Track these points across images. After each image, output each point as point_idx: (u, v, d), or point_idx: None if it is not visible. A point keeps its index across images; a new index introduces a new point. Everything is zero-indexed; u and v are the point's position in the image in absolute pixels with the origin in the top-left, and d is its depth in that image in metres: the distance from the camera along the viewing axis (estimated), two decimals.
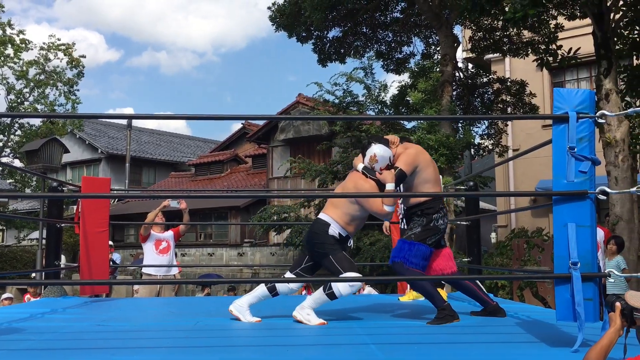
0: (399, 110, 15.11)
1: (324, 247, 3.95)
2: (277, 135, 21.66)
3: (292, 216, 16.43)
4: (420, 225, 4.07)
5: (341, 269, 3.86)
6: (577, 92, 3.12)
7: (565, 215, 3.02)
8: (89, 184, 5.90)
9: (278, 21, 14.13)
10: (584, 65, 14.32)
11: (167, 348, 3.14)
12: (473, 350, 3.05)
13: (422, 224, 4.07)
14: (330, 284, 3.84)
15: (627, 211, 8.23)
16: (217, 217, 22.96)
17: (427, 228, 4.06)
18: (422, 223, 4.07)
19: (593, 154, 3.04)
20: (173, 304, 5.66)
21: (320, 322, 3.83)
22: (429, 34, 15.46)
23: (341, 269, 3.86)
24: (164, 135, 37.44)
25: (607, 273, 3.09)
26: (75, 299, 5.68)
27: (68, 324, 3.94)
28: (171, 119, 4.17)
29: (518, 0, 7.09)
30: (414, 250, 3.99)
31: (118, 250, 19.42)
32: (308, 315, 3.87)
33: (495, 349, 3.14)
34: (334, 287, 3.82)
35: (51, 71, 21.73)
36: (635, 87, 9.48)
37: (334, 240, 3.97)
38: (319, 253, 4.00)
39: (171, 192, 12.21)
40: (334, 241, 3.96)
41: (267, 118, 6.34)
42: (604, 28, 8.44)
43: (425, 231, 4.05)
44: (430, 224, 4.06)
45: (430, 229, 4.06)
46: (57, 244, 5.78)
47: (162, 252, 7.21)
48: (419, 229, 4.06)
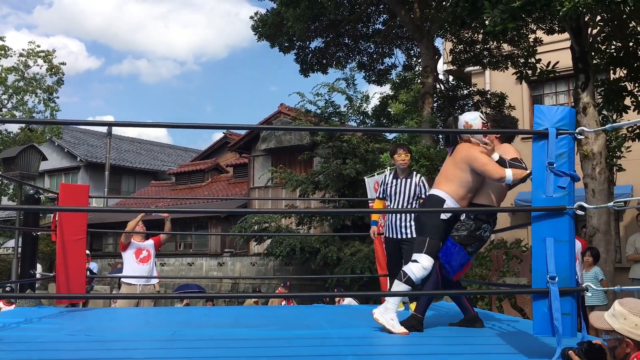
0: (380, 121, 15.19)
1: (426, 227, 3.98)
2: (258, 144, 21.61)
3: (272, 226, 16.39)
4: (468, 229, 3.96)
5: (424, 250, 3.89)
6: (557, 109, 3.17)
7: (544, 230, 3.05)
8: (67, 192, 5.82)
9: (260, 31, 14.14)
10: (563, 78, 14.50)
11: (143, 359, 3.09)
12: None
13: (469, 228, 3.96)
14: (403, 271, 3.86)
15: (603, 223, 8.33)
16: (198, 226, 22.79)
17: (472, 235, 3.96)
18: (470, 228, 3.96)
19: (572, 170, 3.07)
20: (151, 315, 5.59)
21: (403, 331, 3.77)
22: (410, 45, 15.58)
23: (424, 250, 3.89)
24: (145, 144, 37.17)
25: (584, 287, 3.11)
26: (51, 308, 5.58)
27: (42, 333, 3.87)
28: (152, 126, 4.14)
29: (498, 14, 7.17)
30: (454, 253, 3.92)
31: (96, 259, 19.22)
32: (392, 320, 3.81)
33: (475, 359, 3.14)
34: (409, 272, 3.82)
35: (30, 78, 21.49)
36: (612, 101, 9.63)
37: (441, 223, 3.96)
38: (420, 229, 4.04)
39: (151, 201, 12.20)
40: (440, 224, 3.96)
41: (249, 128, 6.33)
42: (581, 42, 8.57)
43: (470, 237, 3.96)
44: (477, 232, 3.97)
45: (475, 236, 3.97)
46: (33, 253, 5.70)
47: (143, 261, 7.12)
48: (465, 232, 3.96)
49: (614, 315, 2.35)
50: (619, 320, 2.33)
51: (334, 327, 4.27)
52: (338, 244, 15.37)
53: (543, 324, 2.99)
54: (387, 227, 5.56)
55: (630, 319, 2.30)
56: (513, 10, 7.00)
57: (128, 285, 7.20)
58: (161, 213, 6.92)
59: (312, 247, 15.80)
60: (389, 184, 5.58)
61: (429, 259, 3.87)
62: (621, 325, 2.32)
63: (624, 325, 2.31)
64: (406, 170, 5.56)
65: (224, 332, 4.02)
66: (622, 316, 2.32)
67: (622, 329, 2.32)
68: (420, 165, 11.76)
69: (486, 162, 3.84)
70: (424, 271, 3.85)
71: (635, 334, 2.30)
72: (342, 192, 15.17)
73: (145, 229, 7.38)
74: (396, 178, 5.56)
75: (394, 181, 5.56)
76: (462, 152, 3.99)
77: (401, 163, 5.51)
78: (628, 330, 2.31)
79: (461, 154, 3.99)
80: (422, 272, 3.84)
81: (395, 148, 5.63)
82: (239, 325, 3.99)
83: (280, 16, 13.28)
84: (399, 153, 5.51)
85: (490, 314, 5.43)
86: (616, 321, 2.34)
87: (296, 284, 17.22)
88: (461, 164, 3.97)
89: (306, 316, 3.90)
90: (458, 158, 4.01)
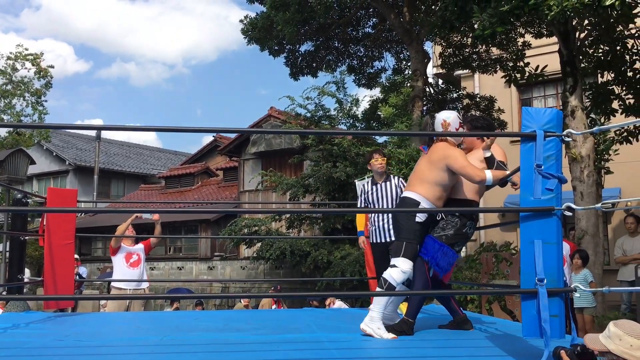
0: (370, 124, 15.21)
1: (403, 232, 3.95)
2: (248, 148, 21.57)
3: (262, 230, 16.36)
4: (454, 227, 3.92)
5: (402, 254, 3.87)
6: (545, 111, 3.18)
7: (532, 231, 3.06)
8: (55, 196, 5.78)
9: (250, 34, 14.12)
10: (551, 82, 14.60)
11: None
12: None
13: (455, 227, 3.93)
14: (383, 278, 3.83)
15: (592, 225, 8.38)
16: (187, 230, 22.72)
17: (459, 233, 3.94)
18: (456, 226, 3.93)
19: (560, 172, 3.09)
20: (140, 319, 5.56)
21: (391, 336, 3.76)
22: (400, 49, 15.63)
23: (402, 254, 3.87)
24: (134, 147, 36.99)
25: (573, 288, 3.13)
26: (39, 313, 5.54)
27: (30, 339, 3.83)
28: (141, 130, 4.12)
29: (487, 18, 7.20)
30: (443, 253, 3.88)
31: (85, 263, 19.10)
32: (379, 329, 3.78)
33: None
34: (389, 279, 3.80)
35: (18, 81, 21.35)
36: (600, 104, 9.70)
37: (417, 227, 3.93)
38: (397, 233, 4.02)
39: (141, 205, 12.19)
40: (417, 228, 3.93)
41: (239, 131, 6.31)
42: (570, 46, 8.62)
43: (457, 236, 3.93)
44: (462, 230, 3.95)
45: (461, 234, 3.95)
46: (21, 257, 5.65)
47: (133, 266, 7.07)
48: (452, 231, 3.92)
49: (609, 336, 2.37)
50: (615, 342, 2.34)
51: (324, 331, 4.26)
52: (328, 247, 15.37)
53: (532, 326, 3.00)
54: (372, 232, 5.56)
55: (625, 340, 2.32)
56: (502, 14, 7.03)
57: (118, 290, 7.16)
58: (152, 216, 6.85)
59: (302, 251, 15.79)
60: (369, 191, 5.61)
61: (408, 262, 3.85)
62: (617, 347, 2.34)
63: (620, 346, 2.33)
64: (384, 174, 5.59)
65: (213, 337, 4.00)
66: (618, 337, 2.33)
67: (618, 350, 2.33)
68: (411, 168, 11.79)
69: (466, 164, 3.80)
70: (404, 275, 3.84)
71: (630, 354, 2.32)
72: (332, 196, 15.18)
73: (135, 233, 7.35)
74: (375, 184, 5.60)
75: (373, 187, 5.59)
76: (439, 152, 3.94)
77: (379, 167, 5.55)
78: (623, 351, 2.32)
79: (438, 154, 3.94)
80: (402, 276, 3.83)
81: (370, 154, 5.68)
82: (229, 329, 3.97)
83: (270, 20, 13.28)
84: (376, 158, 5.56)
85: (480, 317, 5.44)
86: (612, 342, 2.35)
87: (286, 287, 17.18)
88: (438, 164, 3.92)
89: (296, 319, 3.90)
90: (435, 158, 3.96)
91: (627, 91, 9.46)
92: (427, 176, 3.96)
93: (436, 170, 3.92)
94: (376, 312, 3.82)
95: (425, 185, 3.95)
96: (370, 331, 3.79)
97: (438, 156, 3.93)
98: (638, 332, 2.34)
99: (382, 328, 3.79)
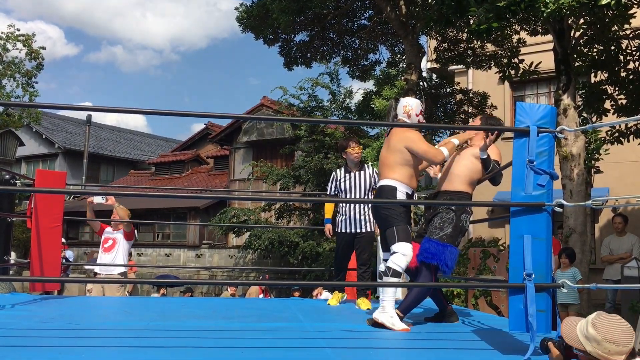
0: (363, 116, 15.17)
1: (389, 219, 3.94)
2: (240, 137, 21.47)
3: (252, 219, 16.34)
4: (451, 224, 3.89)
5: (398, 239, 3.87)
6: (539, 107, 3.18)
7: (521, 227, 3.06)
8: (43, 178, 5.73)
9: (245, 22, 14.03)
10: (544, 80, 14.63)
11: (116, 348, 3.06)
12: (427, 356, 3.06)
13: (452, 223, 3.89)
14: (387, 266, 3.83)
15: (580, 224, 8.42)
16: (176, 217, 22.64)
17: (457, 228, 3.90)
18: (453, 222, 3.89)
19: (552, 168, 3.09)
20: (126, 304, 5.54)
21: (404, 328, 3.74)
22: (395, 42, 15.58)
23: (398, 239, 3.87)
24: (124, 133, 36.77)
25: (560, 284, 3.14)
26: (25, 295, 5.51)
27: (15, 320, 3.81)
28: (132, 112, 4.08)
29: (483, 13, 7.19)
30: (449, 253, 3.85)
31: (72, 247, 19.00)
32: (392, 318, 3.76)
33: (449, 355, 3.16)
34: (393, 265, 3.80)
35: (9, 62, 21.11)
36: (592, 104, 9.73)
37: (402, 210, 3.94)
38: (384, 223, 4.00)
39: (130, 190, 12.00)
40: (402, 210, 3.94)
41: (231, 117, 6.27)
42: (564, 45, 8.63)
43: (456, 232, 3.90)
44: (459, 224, 3.92)
45: (459, 228, 3.93)
46: (7, 239, 5.60)
47: (106, 250, 6.99)
48: (450, 229, 3.89)
49: (587, 337, 2.35)
50: (592, 344, 2.33)
51: (310, 321, 4.26)
52: (317, 238, 15.37)
53: (518, 321, 3.01)
54: (341, 222, 5.48)
55: (603, 345, 2.30)
56: (498, 9, 7.02)
57: (97, 274, 7.15)
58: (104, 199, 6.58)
59: (291, 241, 15.78)
60: (341, 179, 5.54)
61: (406, 244, 3.86)
62: (594, 349, 2.33)
63: (597, 349, 2.32)
64: (359, 163, 5.56)
65: (199, 324, 3.99)
66: (596, 341, 2.32)
67: (595, 352, 2.32)
68: None
69: (426, 148, 3.94)
70: (406, 258, 3.83)
71: (607, 358, 2.31)
72: (323, 187, 15.17)
73: (119, 217, 7.15)
74: (348, 172, 5.54)
75: (346, 175, 5.53)
76: (397, 134, 4.05)
77: (355, 156, 5.51)
78: (600, 354, 2.31)
79: (397, 136, 4.05)
80: (405, 260, 3.83)
81: (347, 142, 5.60)
82: (216, 316, 3.97)
83: (266, 8, 13.19)
84: (352, 147, 5.51)
85: (466, 311, 5.47)
86: (589, 344, 2.34)
87: (273, 277, 17.20)
88: (397, 145, 4.00)
89: (283, 309, 3.89)
90: (394, 140, 4.05)
91: (620, 91, 9.49)
92: (391, 160, 4.03)
93: (397, 152, 4.00)
94: (387, 302, 3.81)
95: (394, 169, 4.01)
96: (383, 320, 3.78)
97: (397, 138, 4.03)
98: (616, 336, 2.30)
99: (394, 317, 3.78)
